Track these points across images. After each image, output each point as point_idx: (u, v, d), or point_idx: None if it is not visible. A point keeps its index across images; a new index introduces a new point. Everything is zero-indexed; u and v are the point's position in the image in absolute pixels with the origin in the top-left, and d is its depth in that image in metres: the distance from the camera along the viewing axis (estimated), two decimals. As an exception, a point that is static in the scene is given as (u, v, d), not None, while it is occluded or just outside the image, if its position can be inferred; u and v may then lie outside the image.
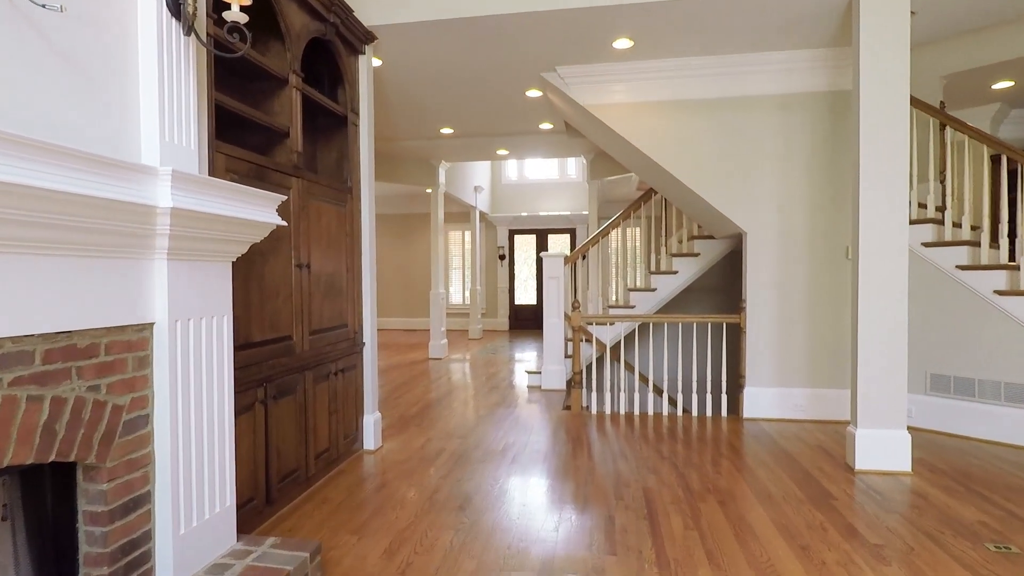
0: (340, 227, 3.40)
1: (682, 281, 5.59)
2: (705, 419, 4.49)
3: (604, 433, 4.10)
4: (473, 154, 7.47)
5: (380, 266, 12.01)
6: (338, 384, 3.34)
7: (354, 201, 3.58)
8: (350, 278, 3.53)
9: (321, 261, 3.16)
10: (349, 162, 3.57)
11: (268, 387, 2.63)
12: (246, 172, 2.48)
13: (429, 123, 6.11)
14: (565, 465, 3.42)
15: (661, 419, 4.48)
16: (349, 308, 3.51)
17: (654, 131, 4.48)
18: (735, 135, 4.39)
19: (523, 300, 11.87)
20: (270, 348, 2.66)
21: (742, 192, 4.40)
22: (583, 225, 11.45)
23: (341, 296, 3.40)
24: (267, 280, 2.64)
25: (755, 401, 4.43)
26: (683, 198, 4.97)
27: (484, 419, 4.55)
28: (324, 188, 3.20)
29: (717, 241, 5.53)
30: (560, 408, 4.93)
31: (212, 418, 1.96)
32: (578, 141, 6.71)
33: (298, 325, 2.91)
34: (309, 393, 3.00)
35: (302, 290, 2.94)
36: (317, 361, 3.10)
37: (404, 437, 4.05)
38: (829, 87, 4.25)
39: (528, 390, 5.70)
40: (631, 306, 5.63)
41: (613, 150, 5.33)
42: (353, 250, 3.56)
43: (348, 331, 3.49)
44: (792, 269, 4.37)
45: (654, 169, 4.78)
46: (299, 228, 2.92)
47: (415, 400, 5.28)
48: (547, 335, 5.61)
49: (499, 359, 7.88)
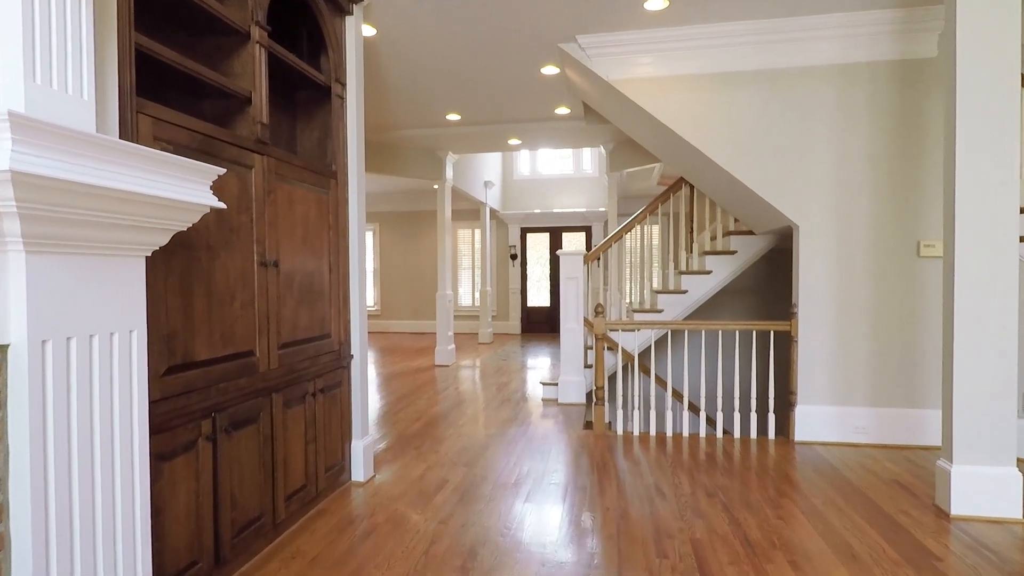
0: (321, 217, 2.84)
1: (717, 282, 4.98)
2: (749, 442, 3.88)
3: (634, 460, 3.50)
4: (483, 144, 6.91)
5: (385, 266, 11.49)
6: (318, 406, 2.78)
7: (339, 187, 3.02)
8: (334, 279, 2.97)
9: (295, 258, 2.60)
10: (333, 141, 3.01)
11: (219, 417, 2.07)
12: (186, 143, 1.93)
13: (434, 108, 5.55)
14: (591, 505, 2.83)
15: (698, 442, 3.88)
16: (333, 314, 2.95)
17: (689, 109, 3.88)
18: (784, 113, 3.78)
19: (536, 302, 11.28)
20: (221, 368, 2.10)
21: (793, 179, 3.78)
22: (599, 223, 10.85)
23: (322, 300, 2.84)
24: (217, 281, 2.08)
25: (808, 421, 3.81)
26: (720, 187, 4.37)
27: (494, 440, 3.97)
28: (299, 170, 2.64)
29: (757, 237, 4.91)
30: (580, 426, 4.34)
31: (113, 471, 1.40)
32: (597, 128, 6.12)
33: (262, 337, 2.35)
34: (278, 420, 2.44)
35: (268, 294, 2.39)
36: (289, 380, 2.54)
37: (401, 463, 3.48)
38: (899, 55, 3.62)
39: (543, 404, 5.12)
40: (659, 310, 5.03)
41: (639, 134, 4.73)
42: (338, 245, 3.00)
43: (331, 342, 2.93)
44: (853, 268, 3.75)
45: (687, 154, 4.18)
46: (264, 216, 2.36)
47: (417, 414, 4.71)
48: (564, 342, 5.02)
49: (510, 366, 7.30)
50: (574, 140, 6.73)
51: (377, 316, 11.56)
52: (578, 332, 5.00)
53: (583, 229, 11.00)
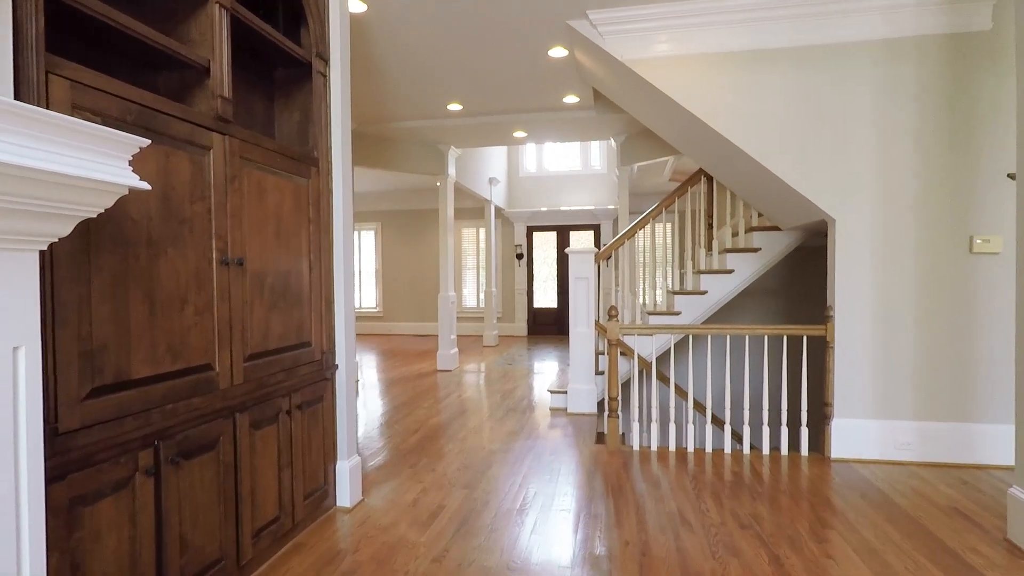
0: (298, 209, 2.50)
1: (739, 282, 4.60)
2: (780, 459, 3.50)
3: (653, 481, 3.14)
4: (486, 137, 6.56)
5: (387, 267, 11.16)
6: (295, 425, 2.43)
7: (321, 176, 2.68)
8: (315, 279, 2.62)
9: (266, 255, 2.25)
10: (315, 125, 2.67)
11: (163, 446, 1.72)
12: (118, 115, 1.58)
13: (434, 96, 5.20)
14: (607, 537, 2.47)
15: (723, 459, 3.51)
16: (314, 320, 2.60)
17: (712, 91, 3.51)
18: (820, 95, 3.40)
19: (543, 303, 10.92)
20: (168, 386, 1.75)
21: (829, 168, 3.41)
22: (608, 221, 10.47)
23: (300, 305, 2.50)
24: (163, 283, 1.74)
25: (846, 436, 3.44)
26: (745, 179, 3.99)
27: (498, 456, 3.62)
28: (272, 154, 2.30)
29: (783, 233, 4.53)
30: (592, 439, 3.98)
31: (-16, 539, 1.06)
32: (608, 119, 5.75)
33: (223, 348, 2.00)
34: (243, 444, 2.09)
35: (231, 297, 2.04)
36: (258, 397, 2.19)
37: (394, 484, 3.13)
38: (949, 28, 3.24)
39: (551, 413, 4.76)
40: (676, 312, 4.66)
41: (655, 122, 4.37)
42: (320, 241, 2.66)
43: (311, 351, 2.58)
44: (897, 266, 3.36)
45: (709, 142, 3.81)
46: (226, 207, 2.02)
47: (415, 425, 4.37)
48: (574, 347, 4.66)
49: (516, 371, 6.94)
50: (583, 132, 6.37)
51: (379, 318, 11.24)
52: (589, 336, 4.64)
53: (591, 227, 10.63)
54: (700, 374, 5.52)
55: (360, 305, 11.36)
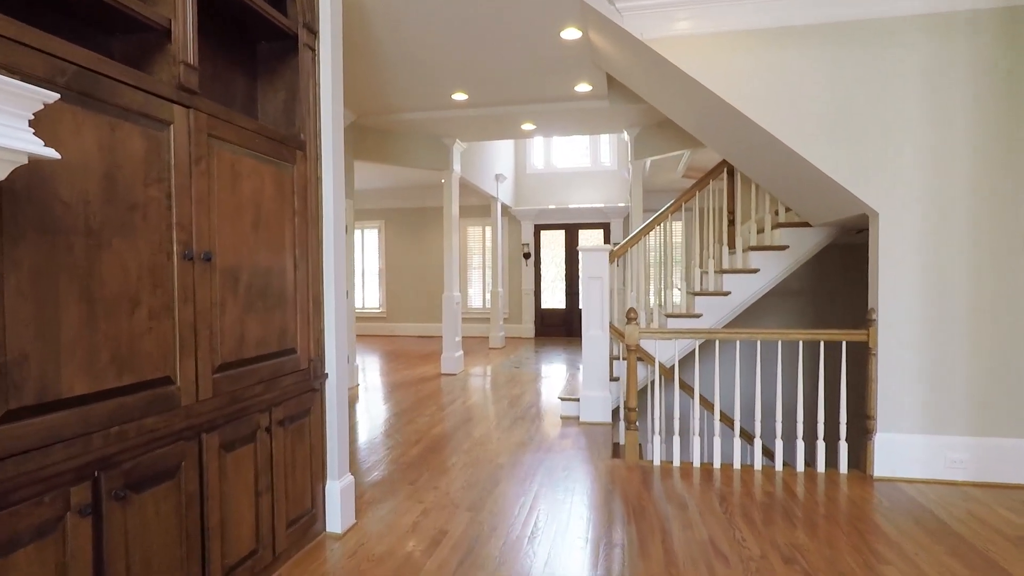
0: (281, 198, 2.20)
1: (765, 282, 4.28)
2: (816, 477, 3.18)
3: (679, 502, 2.83)
4: (493, 130, 6.25)
5: (391, 266, 10.88)
6: (277, 443, 2.14)
7: (309, 162, 2.38)
8: (301, 278, 2.33)
9: (241, 250, 1.96)
10: (302, 104, 2.37)
11: (106, 477, 1.43)
12: (45, 75, 1.29)
13: (438, 85, 4.90)
14: (631, 573, 2.16)
15: (752, 476, 3.19)
16: (299, 324, 2.31)
17: (741, 72, 3.20)
18: (861, 75, 3.08)
19: (550, 304, 10.61)
20: (113, 404, 1.46)
21: (871, 156, 3.08)
22: (618, 219, 10.15)
23: (283, 306, 2.20)
24: (106, 281, 1.45)
25: (891, 453, 3.11)
26: (774, 170, 3.67)
27: (505, 471, 3.31)
28: (248, 134, 2.00)
29: (813, 230, 4.20)
30: (607, 451, 3.67)
31: None
32: (622, 109, 5.44)
33: (187, 357, 1.71)
34: (211, 470, 1.80)
35: (196, 298, 1.75)
36: (231, 413, 1.90)
37: (392, 505, 2.84)
38: (1008, 0, 2.91)
39: (562, 422, 4.45)
40: (696, 314, 4.35)
41: (675, 109, 4.05)
42: (307, 235, 2.36)
43: (296, 359, 2.29)
44: (948, 265, 3.04)
45: (735, 128, 3.49)
46: (190, 192, 1.73)
47: (416, 436, 4.07)
48: (587, 352, 4.35)
49: (524, 375, 6.64)
50: (595, 124, 6.06)
51: (382, 319, 10.96)
52: (602, 340, 4.33)
53: (601, 226, 10.31)
54: (726, 382, 5.20)
55: (363, 305, 11.09)
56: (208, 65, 2.18)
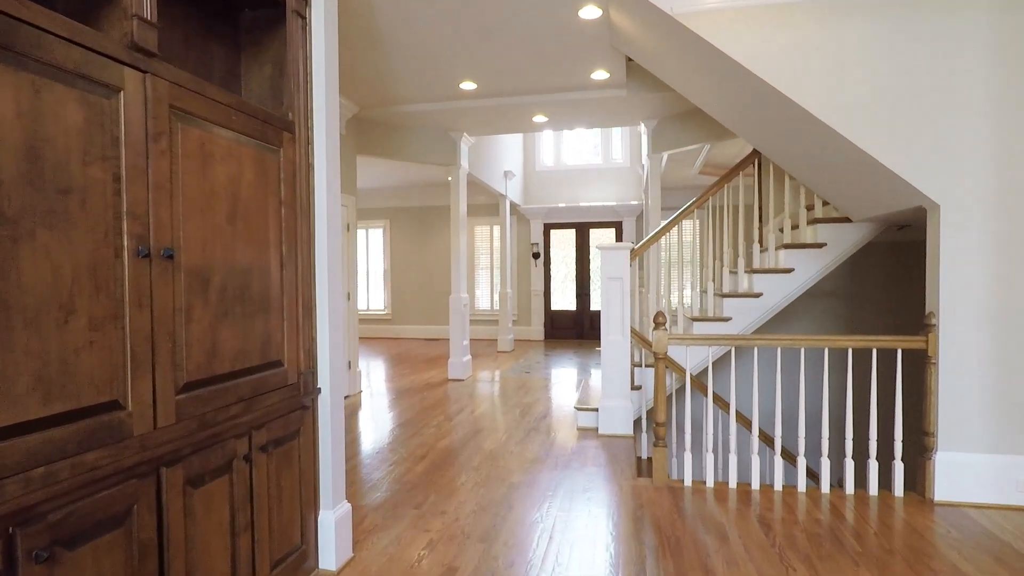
0: (264, 186, 1.90)
1: (800, 283, 3.95)
2: (868, 500, 2.84)
3: (718, 532, 2.50)
4: (502, 123, 5.94)
5: (396, 267, 10.58)
6: (258, 473, 1.83)
7: (299, 146, 2.07)
8: (289, 279, 2.02)
9: (213, 246, 1.65)
10: (290, 80, 2.07)
11: (24, 535, 1.12)
12: (-64, 12, 0.98)
13: (445, 74, 4.60)
14: (675, 626, 1.84)
15: (796, 500, 2.86)
16: (287, 332, 2.00)
17: (784, 49, 2.87)
18: (918, 51, 2.74)
19: (561, 305, 10.28)
20: (37, 440, 1.15)
21: (932, 142, 2.75)
22: (631, 217, 9.81)
23: (266, 312, 1.89)
24: (26, 281, 1.14)
25: (953, 474, 2.77)
26: (814, 158, 3.34)
27: (520, 493, 3.00)
28: (222, 108, 1.70)
29: (853, 226, 3.86)
30: (630, 468, 3.34)
31: None
32: (640, 99, 5.11)
33: (141, 376, 1.40)
34: (173, 511, 1.49)
35: (155, 303, 1.44)
36: (200, 442, 1.59)
37: (394, 535, 2.52)
38: (1093, -39, 2.57)
39: (579, 434, 4.13)
40: (725, 318, 4.01)
41: (703, 92, 3.72)
42: (296, 230, 2.05)
43: (283, 372, 1.98)
44: (1021, 262, 2.70)
45: (772, 112, 3.16)
46: (147, 175, 1.42)
47: (423, 449, 3.76)
48: (606, 358, 4.03)
49: (535, 381, 6.32)
50: (610, 116, 5.73)
51: (387, 321, 10.66)
52: (623, 345, 4.00)
53: (613, 224, 9.97)
54: (768, 396, 4.86)
55: (367, 307, 10.80)
56: (179, 31, 1.88)
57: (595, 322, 10.05)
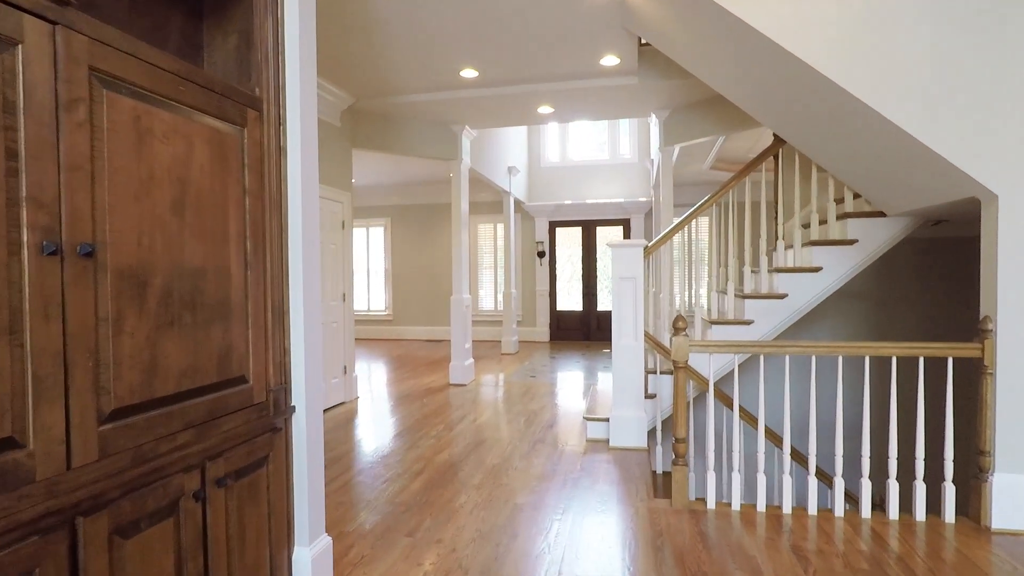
0: (223, 172, 1.61)
1: (829, 283, 3.64)
2: (914, 527, 2.54)
3: (750, 566, 2.20)
4: (506, 114, 5.64)
5: (398, 267, 10.31)
6: (214, 512, 1.54)
7: (266, 126, 1.79)
8: (255, 281, 1.73)
9: (152, 241, 1.37)
10: (256, 50, 1.78)
11: None
12: None
13: (445, 60, 4.30)
14: None
15: (834, 526, 2.56)
16: (252, 344, 1.71)
17: (820, 22, 2.56)
18: (970, 22, 2.43)
19: (567, 305, 9.98)
20: None
21: (991, 126, 2.43)
22: (639, 215, 9.50)
23: (225, 320, 1.61)
24: None
25: (1012, 499, 2.46)
26: (849, 145, 3.03)
27: (525, 514, 2.70)
28: (164, 76, 1.41)
29: (888, 221, 3.55)
30: (647, 487, 3.05)
31: None
32: (652, 87, 4.81)
33: (49, 404, 1.11)
34: (93, 570, 1.20)
35: (67, 312, 1.15)
36: (133, 481, 1.30)
37: (381, 570, 2.23)
38: None
39: (588, 447, 3.83)
40: (747, 321, 3.71)
41: (725, 75, 3.42)
42: (264, 223, 1.77)
43: (247, 391, 1.69)
44: (1091, 261, 2.39)
45: (802, 94, 2.85)
46: (57, 151, 1.13)
47: (419, 464, 3.47)
48: (618, 364, 3.73)
49: (541, 386, 6.02)
50: (620, 106, 5.43)
51: (388, 322, 10.39)
52: (637, 350, 3.70)
53: (621, 222, 9.66)
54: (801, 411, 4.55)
55: (368, 308, 10.53)
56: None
57: (602, 323, 9.74)
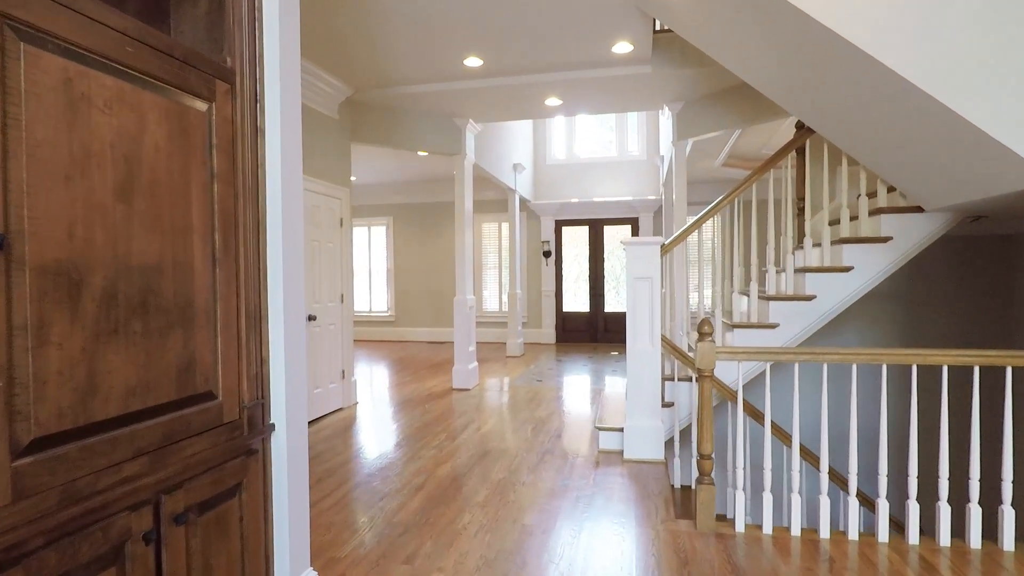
0: (185, 151, 1.37)
1: (861, 283, 3.38)
2: (968, 554, 2.28)
3: (790, 604, 1.95)
4: (512, 106, 5.40)
5: (400, 267, 10.07)
6: (171, 555, 1.30)
7: (240, 101, 1.55)
8: (225, 279, 1.49)
9: (90, 232, 1.13)
10: (229, 15, 1.54)
11: None
12: None
13: (448, 48, 4.06)
14: None
15: (877, 553, 2.30)
16: (222, 353, 1.47)
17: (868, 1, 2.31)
18: (1036, -8, 2.17)
19: (573, 306, 9.72)
20: None
21: (1054, 105, 2.18)
22: (648, 213, 9.24)
23: (186, 327, 1.37)
24: None
25: (1080, 525, 2.20)
26: (888, 132, 2.77)
27: (535, 541, 2.45)
28: (116, 37, 1.17)
29: (925, 217, 3.29)
30: (666, 505, 2.80)
31: None
32: (667, 76, 4.56)
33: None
34: (5, 643, 0.97)
35: (-33, 320, 0.92)
36: (61, 527, 1.06)
37: (375, 604, 1.99)
38: None
39: (601, 458, 3.58)
40: (771, 324, 3.45)
41: (750, 60, 3.16)
42: (235, 214, 1.53)
43: (215, 408, 1.45)
44: None
45: (841, 76, 2.60)
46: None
47: (420, 477, 3.23)
48: (633, 370, 3.48)
49: (547, 391, 5.77)
50: (632, 98, 5.18)
51: (391, 323, 10.15)
52: (653, 356, 3.45)
53: (629, 221, 9.40)
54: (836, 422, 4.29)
55: (370, 309, 10.30)
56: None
57: (610, 324, 9.49)
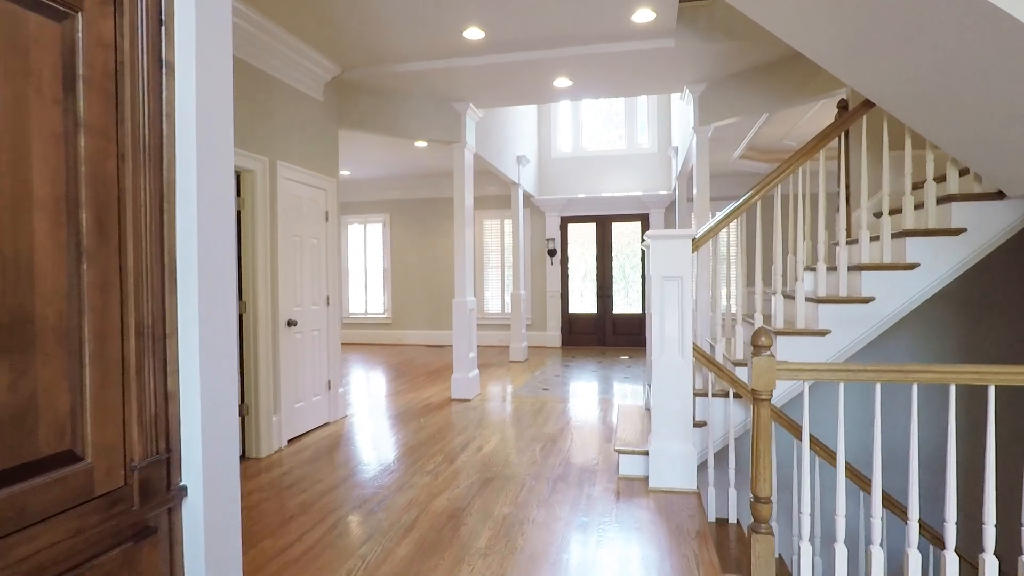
0: (18, 88, 0.87)
1: (929, 283, 2.88)
2: (1106, 630, 1.78)
3: None
4: (516, 88, 4.90)
5: (398, 266, 9.58)
6: None
7: (126, 16, 1.05)
8: (93, 283, 0.99)
9: None
10: None
11: None
12: None
13: (446, 15, 3.57)
14: None
15: (991, 627, 1.80)
16: (92, 392, 0.97)
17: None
18: None
19: (579, 308, 9.22)
20: None
21: None
22: (659, 209, 8.73)
23: (25, 354, 0.87)
24: None
25: None
26: (977, 101, 2.27)
27: (550, 605, 1.96)
28: None
29: (1006, 205, 2.79)
30: (707, 550, 2.30)
31: None
32: (691, 51, 4.06)
33: None
34: None
35: None
36: None
37: None
38: None
39: (622, 487, 3.08)
40: (822, 331, 2.95)
41: (809, 21, 2.66)
42: (114, 185, 1.03)
43: (79, 475, 0.95)
44: None
45: (926, 36, 2.10)
46: None
47: (411, 514, 2.73)
48: (660, 385, 2.99)
49: (555, 401, 5.27)
50: (650, 78, 4.68)
51: (387, 325, 9.66)
52: (684, 370, 2.95)
53: (639, 217, 8.90)
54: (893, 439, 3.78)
55: (366, 311, 9.81)
56: None
57: (618, 327, 8.99)
